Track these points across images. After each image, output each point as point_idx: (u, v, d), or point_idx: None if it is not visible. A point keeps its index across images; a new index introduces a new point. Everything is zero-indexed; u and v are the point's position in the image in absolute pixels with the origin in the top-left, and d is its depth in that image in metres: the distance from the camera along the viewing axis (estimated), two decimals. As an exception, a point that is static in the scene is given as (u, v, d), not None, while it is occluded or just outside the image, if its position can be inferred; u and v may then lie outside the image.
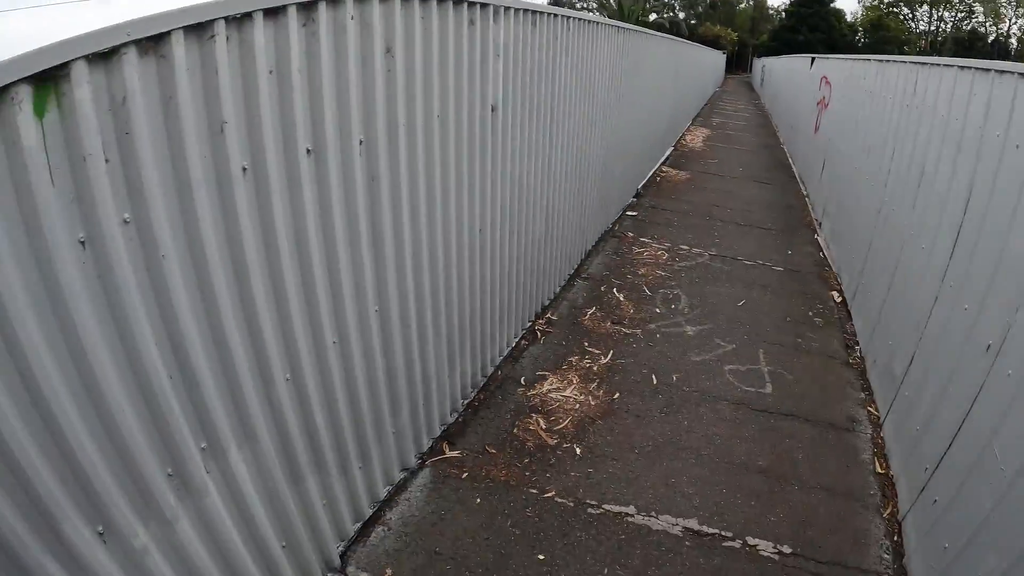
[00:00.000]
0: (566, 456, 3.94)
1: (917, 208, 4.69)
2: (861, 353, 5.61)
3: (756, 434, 4.33)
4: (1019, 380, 2.69)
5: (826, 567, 3.32)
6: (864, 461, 4.21)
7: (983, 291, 3.27)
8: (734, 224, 9.16)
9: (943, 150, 4.29)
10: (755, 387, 4.91)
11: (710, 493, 3.73)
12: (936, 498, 3.31)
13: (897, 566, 3.41)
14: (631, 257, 7.42)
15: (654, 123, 11.08)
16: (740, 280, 7.03)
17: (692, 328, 5.75)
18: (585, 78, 5.80)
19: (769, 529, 3.52)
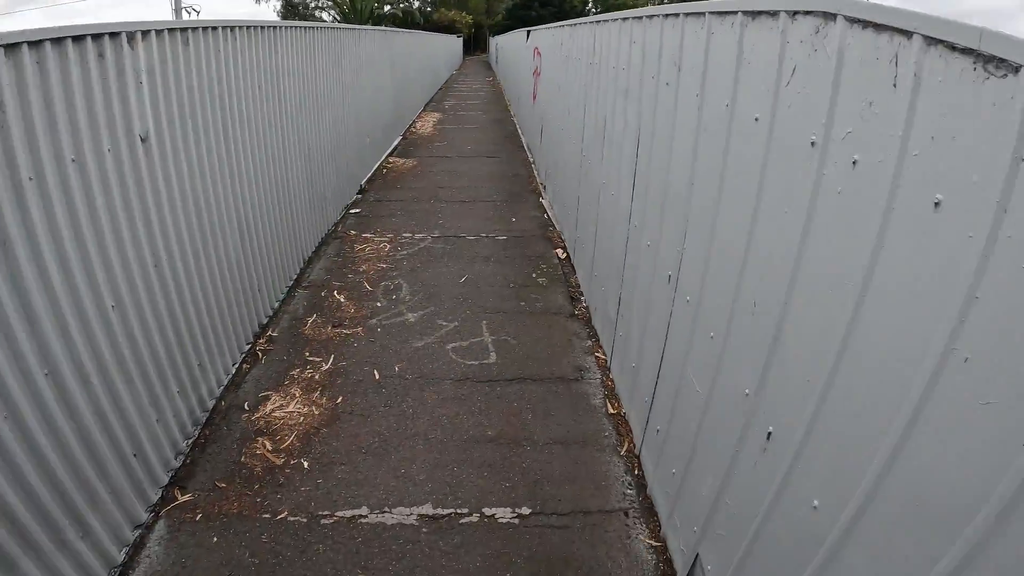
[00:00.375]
0: (295, 473, 3.87)
1: (604, 159, 5.05)
2: (585, 303, 5.98)
3: (483, 405, 4.51)
4: (696, 304, 2.96)
5: (568, 517, 3.53)
6: (596, 406, 4.53)
7: (658, 226, 3.54)
8: (459, 203, 9.40)
9: (616, 100, 4.58)
10: (479, 360, 5.11)
11: (442, 475, 3.84)
12: (658, 428, 3.55)
13: (642, 498, 3.67)
14: (353, 255, 7.36)
15: (373, 117, 11.03)
16: (463, 257, 7.24)
17: (414, 315, 5.85)
18: (272, 85, 5.61)
19: (505, 495, 3.68)
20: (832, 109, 1.86)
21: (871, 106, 1.69)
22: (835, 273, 1.85)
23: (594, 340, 5.41)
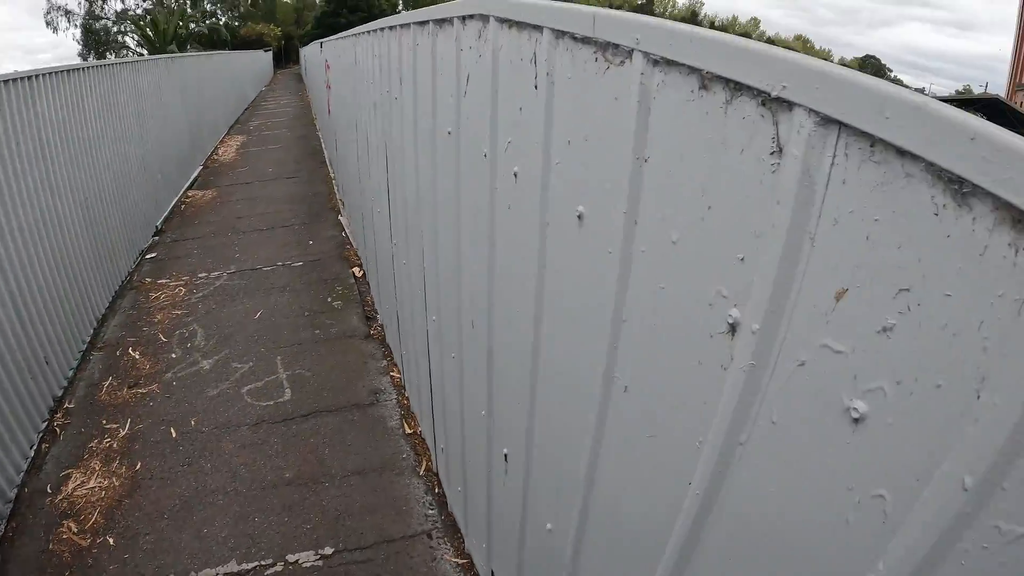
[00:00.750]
0: (102, 552, 3.61)
1: (371, 175, 5.03)
2: (380, 321, 5.90)
3: (280, 447, 4.39)
4: (439, 323, 2.92)
5: (372, 550, 3.49)
6: (392, 428, 4.51)
7: (405, 244, 3.54)
8: (256, 232, 9.04)
9: (371, 114, 4.53)
10: (274, 399, 4.97)
11: (244, 527, 3.71)
12: (442, 446, 3.54)
13: (444, 516, 3.67)
14: (148, 305, 6.88)
15: (165, 151, 10.32)
16: (259, 291, 7.00)
17: (208, 362, 5.59)
18: (31, 139, 5.16)
19: (307, 538, 3.61)
20: (495, 116, 1.79)
21: (521, 112, 1.62)
22: (519, 293, 1.77)
23: (389, 359, 5.41)
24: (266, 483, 4.07)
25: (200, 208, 10.79)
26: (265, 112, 24.29)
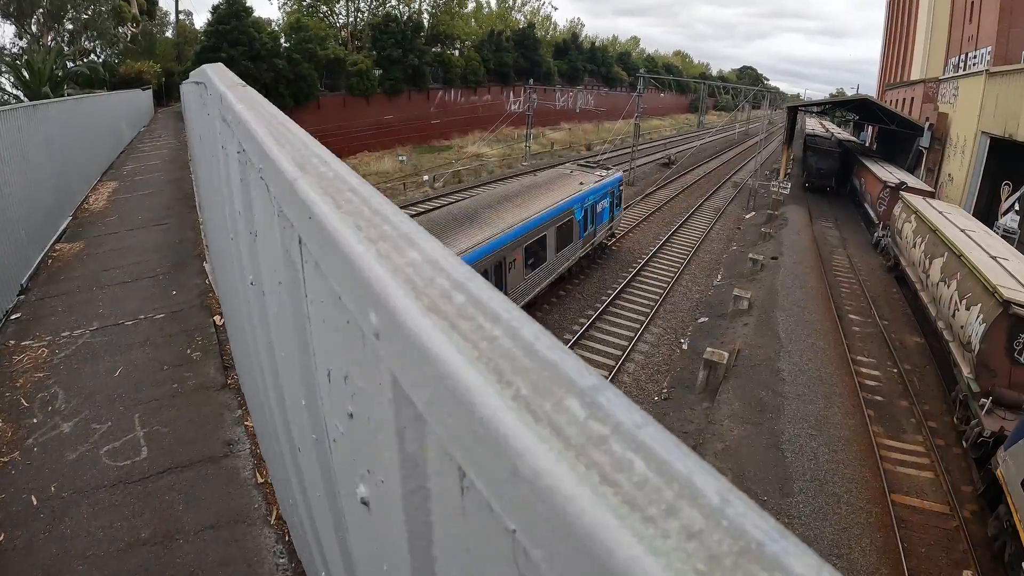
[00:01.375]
0: None
1: (214, 208, 5.00)
2: (236, 370, 5.90)
3: (137, 507, 4.37)
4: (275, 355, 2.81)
5: None
6: (246, 479, 4.53)
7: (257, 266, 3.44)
8: (121, 284, 8.85)
9: (219, 153, 4.26)
10: (131, 458, 4.93)
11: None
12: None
13: (294, 563, 3.73)
14: (11, 370, 6.60)
15: (29, 206, 9.93)
16: (120, 347, 6.88)
17: (68, 424, 5.47)
18: None
19: None
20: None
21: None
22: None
23: (244, 408, 5.50)
24: (123, 545, 4.07)
25: (67, 262, 10.42)
26: (141, 155, 23.56)
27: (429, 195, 37.54)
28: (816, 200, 44.14)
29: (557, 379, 0.70)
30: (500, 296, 0.89)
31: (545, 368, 0.72)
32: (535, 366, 0.73)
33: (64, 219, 12.78)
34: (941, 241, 20.87)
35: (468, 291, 0.89)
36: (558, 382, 0.70)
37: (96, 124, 18.57)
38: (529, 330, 0.79)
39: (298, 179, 1.47)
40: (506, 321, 0.82)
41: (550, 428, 0.64)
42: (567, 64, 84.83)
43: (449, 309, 0.85)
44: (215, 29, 42.35)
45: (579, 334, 19.84)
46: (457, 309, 0.85)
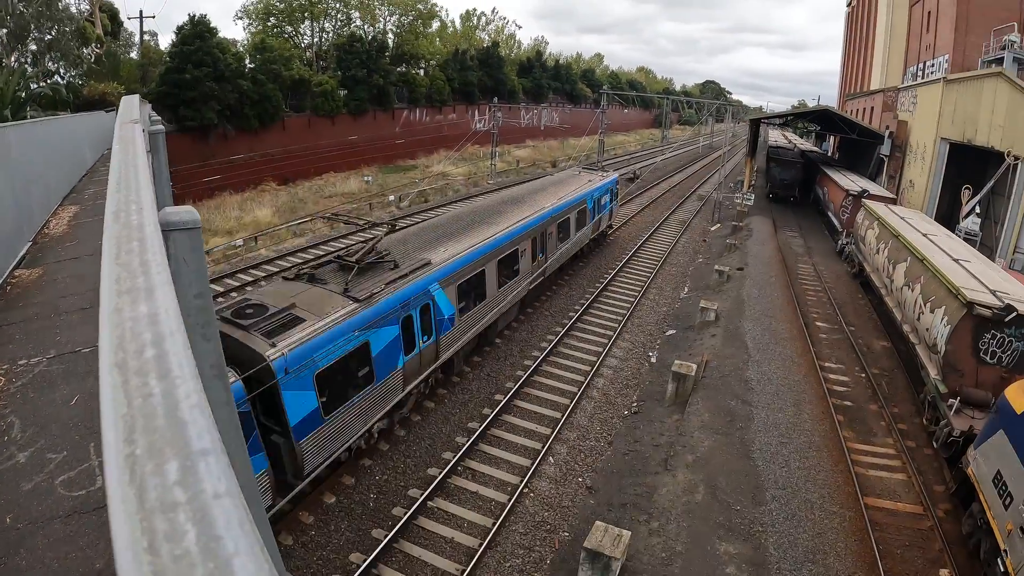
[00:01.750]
0: None
1: None
2: None
3: (91, 538, 4.30)
4: None
5: None
6: None
7: None
8: (79, 311, 8.34)
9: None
10: (86, 488, 4.80)
11: None
12: None
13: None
14: None
15: None
16: (76, 375, 6.63)
17: (24, 454, 5.26)
18: None
19: None
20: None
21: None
22: None
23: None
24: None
25: (26, 288, 10.08)
26: (104, 178, 23.08)
27: (395, 215, 37.28)
28: (780, 210, 44.73)
29: (176, 440, 0.77)
30: (184, 354, 0.99)
31: (172, 428, 0.78)
32: (166, 425, 0.79)
33: (23, 245, 12.43)
34: (904, 246, 21.15)
35: (161, 348, 0.99)
36: (175, 443, 0.76)
37: (58, 147, 18.16)
38: (185, 389, 0.88)
39: (108, 226, 1.59)
40: (172, 378, 0.90)
41: (137, 489, 0.68)
42: (531, 82, 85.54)
43: (133, 364, 0.93)
44: (179, 50, 41.87)
45: (547, 351, 19.69)
46: (140, 364, 0.93)
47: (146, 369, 0.92)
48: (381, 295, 13.10)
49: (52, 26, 37.48)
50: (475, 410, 16.45)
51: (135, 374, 0.91)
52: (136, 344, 1.00)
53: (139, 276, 1.25)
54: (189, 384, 0.90)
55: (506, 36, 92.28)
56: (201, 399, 0.88)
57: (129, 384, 0.89)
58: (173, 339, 1.02)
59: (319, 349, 11.37)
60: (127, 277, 1.26)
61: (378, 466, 14.01)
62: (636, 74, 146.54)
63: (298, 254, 29.03)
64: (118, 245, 1.44)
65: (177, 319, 1.10)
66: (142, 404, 0.83)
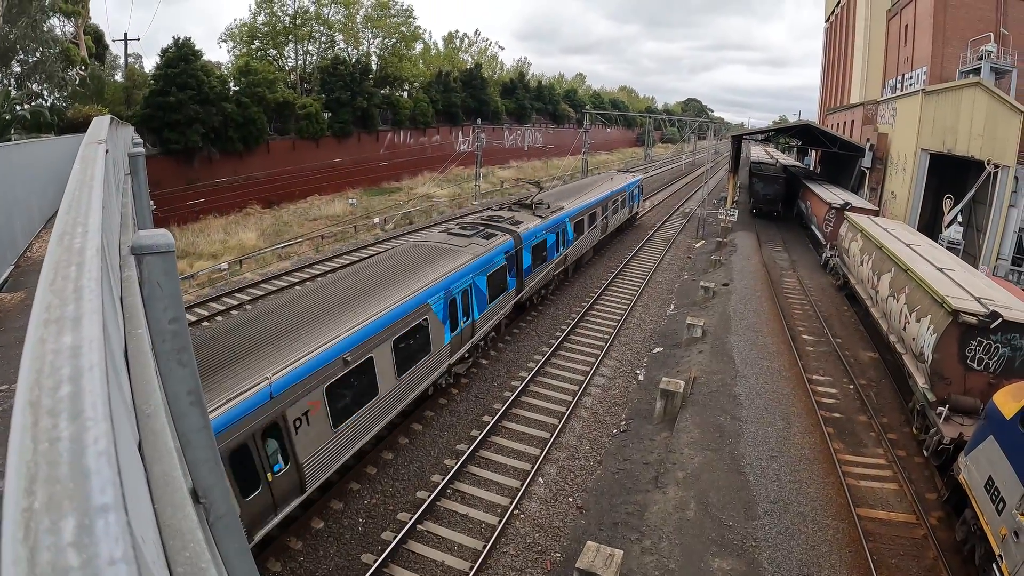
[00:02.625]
0: None
1: None
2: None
3: None
4: None
5: None
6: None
7: None
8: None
9: None
10: None
11: None
12: None
13: None
14: None
15: None
16: None
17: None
18: None
19: None
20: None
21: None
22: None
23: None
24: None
25: (7, 313, 9.90)
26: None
27: (380, 237, 37.20)
28: (764, 225, 45.00)
29: (77, 493, 0.72)
30: (99, 391, 0.93)
31: (75, 478, 0.74)
32: (68, 474, 0.74)
33: (6, 268, 12.32)
34: (888, 257, 21.27)
35: (78, 385, 0.93)
36: (75, 496, 0.72)
37: (41, 170, 17.98)
38: (95, 432, 0.82)
39: (51, 250, 1.52)
40: (83, 420, 0.84)
41: (30, 549, 0.64)
42: (514, 103, 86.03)
43: (46, 403, 0.88)
44: (164, 73, 41.78)
45: (534, 371, 19.58)
46: (53, 403, 0.88)
47: (58, 409, 0.87)
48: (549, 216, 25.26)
49: (37, 48, 37.28)
50: (463, 431, 16.29)
51: (47, 414, 0.86)
52: (53, 380, 0.94)
53: (70, 304, 1.17)
54: (100, 427, 0.84)
55: (489, 57, 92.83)
56: (109, 445, 0.82)
57: (39, 426, 0.83)
58: (91, 374, 0.96)
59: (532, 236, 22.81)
60: (57, 305, 1.17)
61: (367, 489, 13.81)
62: (618, 93, 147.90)
63: (283, 277, 28.85)
64: (55, 270, 1.36)
65: (100, 352, 1.03)
66: (48, 449, 0.78)
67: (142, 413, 1.70)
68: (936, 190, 34.05)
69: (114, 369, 1.34)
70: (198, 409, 2.15)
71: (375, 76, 64.37)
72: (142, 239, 2.05)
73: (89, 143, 3.45)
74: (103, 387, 0.94)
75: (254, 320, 13.02)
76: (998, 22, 40.43)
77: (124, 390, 1.61)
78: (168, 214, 36.94)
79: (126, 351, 1.95)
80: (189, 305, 24.27)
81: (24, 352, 1.05)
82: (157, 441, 1.64)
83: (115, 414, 0.97)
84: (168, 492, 1.48)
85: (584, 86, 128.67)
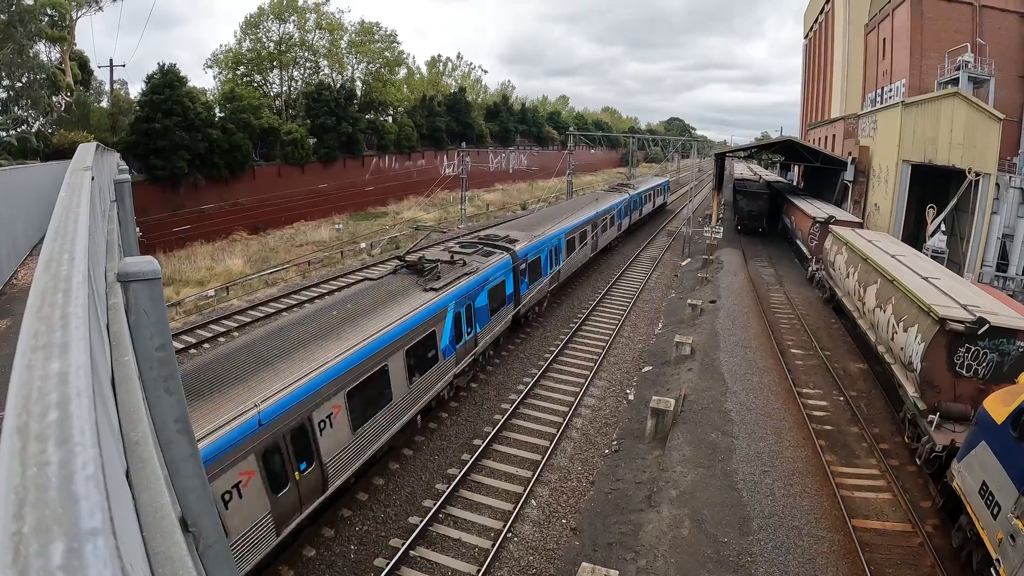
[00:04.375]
0: None
1: None
2: None
3: None
4: None
5: None
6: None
7: None
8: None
9: None
10: None
11: None
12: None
13: None
14: None
15: None
16: None
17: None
18: None
19: None
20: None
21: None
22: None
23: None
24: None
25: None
26: (69, 231, 22.75)
27: (367, 262, 37.15)
28: (749, 241, 45.35)
29: (65, 517, 0.73)
30: (86, 417, 0.93)
31: (64, 503, 0.75)
32: (58, 499, 0.75)
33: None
34: (873, 269, 21.46)
35: (66, 411, 0.93)
36: (64, 521, 0.73)
37: (27, 196, 17.90)
38: (83, 458, 0.83)
39: (38, 277, 1.51)
40: (72, 445, 0.85)
41: (19, 572, 0.65)
42: (499, 126, 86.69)
43: (35, 428, 0.88)
44: (149, 99, 41.79)
45: (524, 393, 19.54)
46: (41, 429, 0.88)
47: (47, 434, 0.87)
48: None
49: (23, 74, 37.22)
50: (454, 455, 16.18)
51: (35, 439, 0.86)
52: (41, 406, 0.94)
53: (57, 331, 1.17)
54: (88, 452, 0.85)
55: (472, 81, 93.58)
56: (97, 470, 0.83)
57: (27, 451, 0.83)
58: (79, 401, 0.96)
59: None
60: (45, 332, 1.18)
61: (358, 516, 13.65)
62: (602, 114, 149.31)
63: (270, 304, 28.71)
64: (42, 297, 1.35)
65: (87, 378, 1.04)
66: (36, 474, 0.79)
67: (130, 440, 1.69)
68: (919, 200, 34.46)
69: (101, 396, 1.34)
70: (186, 437, 2.13)
71: (360, 101, 64.71)
72: (128, 266, 2.04)
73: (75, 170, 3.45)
74: (91, 413, 0.94)
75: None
76: (974, 32, 41.23)
77: (111, 417, 1.60)
78: (154, 241, 36.80)
79: (113, 379, 1.93)
80: (176, 332, 24.09)
81: (12, 378, 1.05)
82: (145, 469, 1.62)
83: (103, 441, 0.97)
84: (157, 519, 1.47)
85: (567, 108, 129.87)
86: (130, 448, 1.67)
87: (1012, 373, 14.33)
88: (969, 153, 32.60)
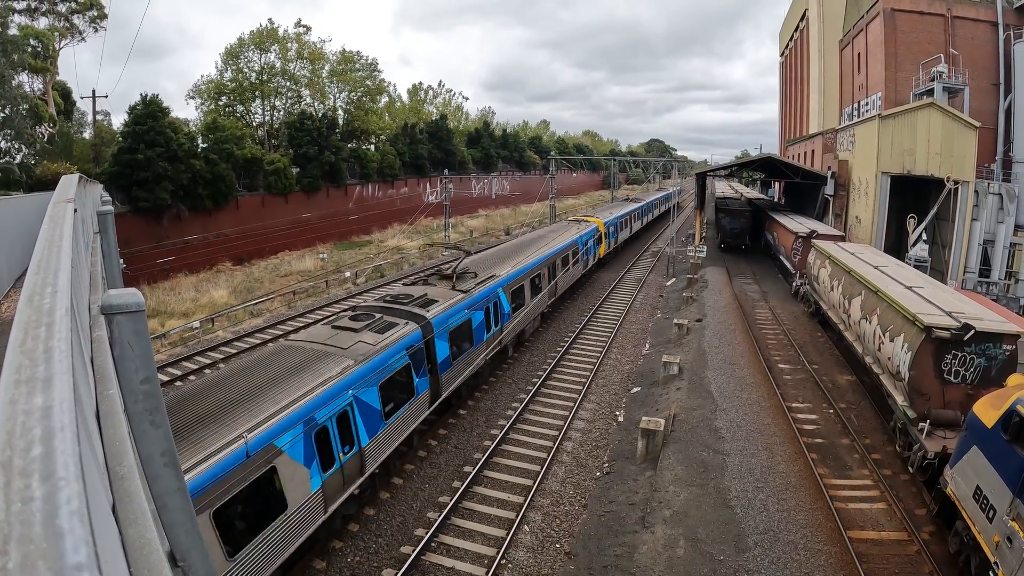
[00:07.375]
0: None
1: None
2: None
3: None
4: None
5: None
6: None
7: None
8: None
9: None
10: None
11: None
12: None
13: None
14: None
15: None
16: None
17: None
18: None
19: None
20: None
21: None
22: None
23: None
24: None
25: None
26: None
27: (352, 291, 37.03)
28: (733, 259, 45.68)
29: (51, 552, 0.73)
30: (70, 451, 0.92)
31: (49, 539, 0.75)
32: (42, 534, 0.75)
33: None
34: (857, 280, 21.65)
35: (50, 445, 0.93)
36: (49, 556, 0.72)
37: (9, 227, 17.66)
38: (67, 493, 0.83)
39: (20, 311, 1.53)
40: (56, 480, 0.85)
41: None
42: (480, 152, 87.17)
43: (18, 463, 0.88)
44: (132, 130, 41.66)
45: (513, 418, 19.41)
46: (25, 464, 0.88)
47: (31, 469, 0.87)
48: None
49: (5, 105, 37.01)
50: (445, 484, 16.02)
51: (19, 475, 0.86)
52: (25, 441, 0.94)
53: (40, 364, 1.17)
54: (72, 487, 0.85)
55: (454, 108, 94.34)
56: (82, 505, 0.83)
57: (11, 486, 0.83)
58: (63, 435, 0.96)
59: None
60: (28, 366, 1.17)
61: (349, 547, 13.45)
62: (583, 138, 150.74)
63: (256, 335, 28.49)
64: (25, 331, 1.35)
65: (71, 412, 1.03)
66: (20, 510, 0.78)
67: (115, 475, 1.66)
68: (899, 211, 34.94)
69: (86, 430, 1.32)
70: (172, 471, 2.10)
71: (342, 130, 64.92)
72: (112, 298, 2.02)
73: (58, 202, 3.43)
74: (75, 448, 0.94)
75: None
76: (947, 43, 42.08)
77: (97, 451, 1.57)
78: (138, 272, 36.49)
79: (98, 412, 1.90)
80: (161, 365, 23.82)
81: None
82: (132, 503, 1.59)
83: (88, 475, 0.96)
84: (144, 555, 1.43)
85: (548, 132, 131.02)
86: (116, 482, 1.64)
87: (1000, 377, 14.46)
88: (947, 162, 33.15)
